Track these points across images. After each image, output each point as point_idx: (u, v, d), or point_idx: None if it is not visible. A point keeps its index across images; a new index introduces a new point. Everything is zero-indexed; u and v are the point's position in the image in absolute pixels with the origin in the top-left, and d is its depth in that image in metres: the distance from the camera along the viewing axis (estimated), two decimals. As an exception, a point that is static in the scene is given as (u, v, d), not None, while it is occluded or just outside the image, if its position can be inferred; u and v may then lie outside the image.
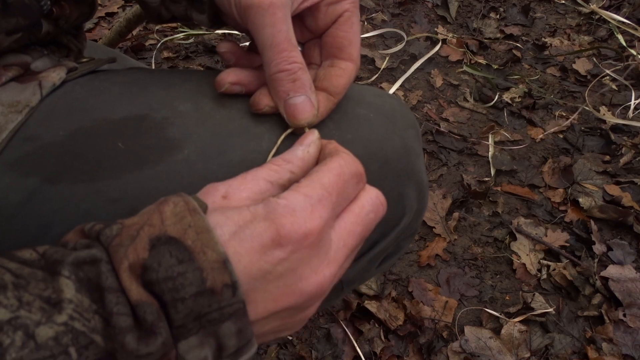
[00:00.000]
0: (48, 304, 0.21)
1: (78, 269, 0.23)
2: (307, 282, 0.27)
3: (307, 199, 0.27)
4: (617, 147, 1.18)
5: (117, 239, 0.24)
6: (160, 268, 0.23)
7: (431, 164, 1.18)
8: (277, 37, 0.32)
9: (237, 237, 0.25)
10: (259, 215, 0.26)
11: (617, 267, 0.95)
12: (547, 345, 0.86)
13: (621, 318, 0.88)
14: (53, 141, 0.33)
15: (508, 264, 0.99)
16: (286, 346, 0.86)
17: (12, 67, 0.36)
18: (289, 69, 0.33)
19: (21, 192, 0.32)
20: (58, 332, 0.21)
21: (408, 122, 0.42)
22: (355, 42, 0.36)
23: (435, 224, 1.04)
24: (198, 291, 0.23)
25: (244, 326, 0.25)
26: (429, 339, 0.87)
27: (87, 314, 0.22)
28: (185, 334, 0.23)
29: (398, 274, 0.97)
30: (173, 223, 0.24)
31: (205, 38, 1.49)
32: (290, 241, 0.25)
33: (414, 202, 0.42)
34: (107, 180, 0.33)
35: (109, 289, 0.22)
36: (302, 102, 0.33)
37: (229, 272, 0.24)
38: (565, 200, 1.09)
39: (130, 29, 0.99)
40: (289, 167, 0.30)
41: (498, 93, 1.34)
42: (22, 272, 0.22)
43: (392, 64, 1.42)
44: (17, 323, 0.20)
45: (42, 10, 0.36)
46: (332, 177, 0.28)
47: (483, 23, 1.58)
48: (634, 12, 1.54)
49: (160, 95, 0.37)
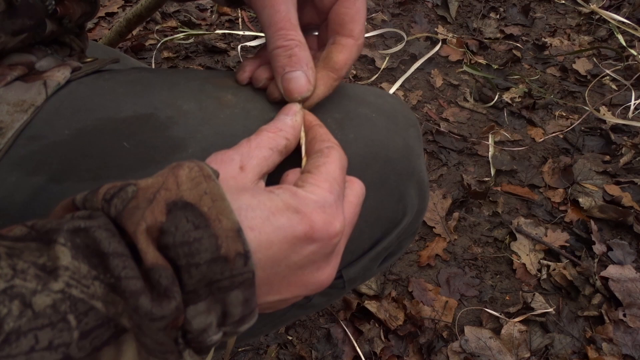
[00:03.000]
0: (43, 271, 0.21)
1: (74, 235, 0.22)
2: (322, 272, 0.29)
3: (332, 196, 0.28)
4: (617, 147, 1.18)
5: (133, 201, 0.24)
6: (177, 232, 0.23)
7: (431, 164, 1.18)
8: (275, 17, 0.33)
9: (270, 224, 0.26)
10: (291, 206, 0.26)
11: (617, 267, 0.95)
12: (547, 345, 0.86)
13: (621, 318, 0.88)
14: (58, 140, 0.34)
15: (508, 264, 0.99)
16: (286, 346, 0.86)
17: (17, 66, 0.36)
18: (285, 45, 0.34)
19: (27, 190, 0.32)
20: (55, 299, 0.21)
21: (409, 122, 0.43)
22: (357, 18, 0.36)
23: (435, 224, 1.04)
24: (212, 258, 0.23)
25: (250, 296, 0.25)
26: (429, 339, 0.87)
27: (86, 281, 0.22)
28: (195, 299, 0.24)
29: (398, 274, 0.97)
30: (189, 188, 0.24)
31: (205, 38, 1.49)
32: (322, 238, 0.27)
33: (415, 202, 0.43)
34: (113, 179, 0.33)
35: (114, 254, 0.22)
36: (297, 76, 0.34)
37: (242, 241, 0.24)
38: (565, 200, 1.09)
39: (130, 29, 0.99)
40: (282, 133, 0.32)
41: (498, 93, 1.34)
42: (15, 245, 0.22)
43: (392, 64, 1.42)
44: (12, 292, 0.20)
45: (46, 10, 0.36)
46: (339, 170, 0.30)
47: (483, 23, 1.58)
48: (634, 12, 1.54)
49: (164, 95, 0.37)
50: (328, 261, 0.29)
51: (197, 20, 1.56)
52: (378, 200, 0.33)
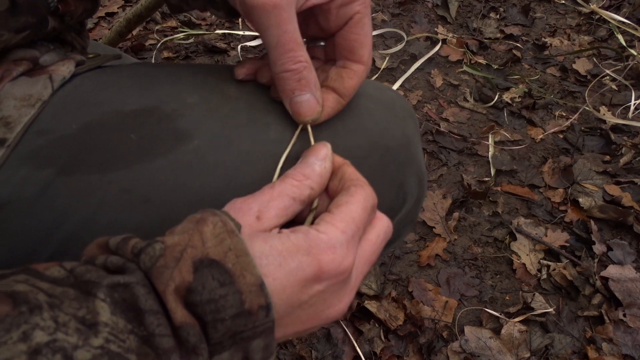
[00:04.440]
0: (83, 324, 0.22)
1: (113, 290, 0.23)
2: (333, 309, 0.30)
3: (344, 236, 0.29)
4: (617, 147, 1.18)
5: (161, 260, 0.25)
6: (204, 291, 0.24)
7: (431, 164, 1.18)
8: (283, 38, 0.32)
9: (283, 269, 0.27)
10: (302, 248, 0.27)
11: (617, 267, 0.95)
12: (547, 345, 0.86)
13: (621, 318, 0.88)
14: (66, 134, 0.34)
15: (508, 264, 0.99)
16: (286, 346, 0.86)
17: (22, 61, 0.36)
18: (294, 69, 0.33)
19: (36, 184, 0.33)
20: (95, 354, 0.21)
21: (407, 114, 0.44)
22: (366, 44, 0.37)
23: (435, 224, 1.04)
24: (237, 312, 0.25)
25: (270, 341, 0.27)
26: (429, 339, 0.87)
27: (122, 335, 0.23)
28: (219, 350, 0.25)
29: (398, 274, 0.97)
30: (214, 245, 0.25)
31: (205, 38, 1.49)
32: (329, 277, 0.28)
33: (415, 190, 0.43)
34: (120, 171, 0.34)
35: (150, 311, 0.23)
36: (307, 99, 0.34)
37: (265, 295, 0.25)
38: (565, 200, 1.09)
39: (130, 29, 0.99)
40: (308, 183, 0.31)
41: (498, 93, 1.34)
42: (55, 291, 0.23)
43: (392, 64, 1.42)
44: (55, 346, 0.21)
45: (49, 7, 0.37)
46: (360, 211, 0.30)
47: (483, 23, 1.58)
48: (634, 12, 1.54)
49: (168, 89, 0.38)
50: (339, 298, 0.30)
51: (197, 20, 1.56)
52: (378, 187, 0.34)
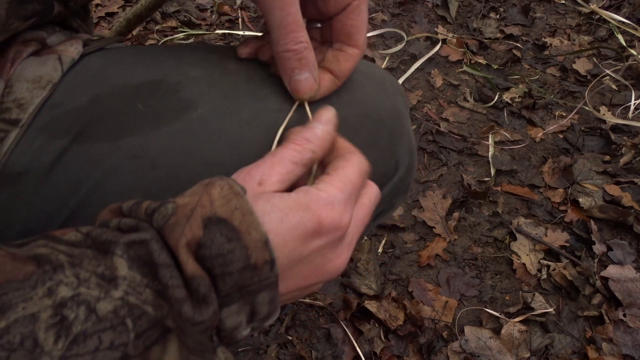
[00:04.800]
0: (103, 279, 0.24)
1: (129, 247, 0.26)
2: (332, 264, 0.32)
3: (342, 194, 0.31)
4: (617, 147, 1.18)
5: (173, 217, 0.27)
6: (213, 245, 0.26)
7: (431, 164, 1.18)
8: (286, 19, 0.34)
9: (284, 224, 0.28)
10: (302, 204, 0.29)
11: (617, 267, 0.95)
12: (547, 345, 0.86)
13: (621, 318, 0.88)
14: (77, 106, 0.37)
15: (508, 264, 0.99)
16: (286, 346, 0.86)
17: (31, 42, 0.38)
18: (295, 49, 0.35)
19: (52, 152, 0.35)
20: (116, 305, 0.24)
21: (396, 90, 0.46)
22: (362, 29, 0.39)
23: (435, 224, 1.04)
24: (243, 266, 0.26)
25: (275, 296, 0.28)
26: (429, 339, 0.87)
27: (139, 288, 0.25)
28: (228, 302, 0.27)
29: (398, 274, 0.97)
30: (221, 205, 0.27)
31: (205, 38, 1.49)
32: (328, 232, 0.30)
33: (406, 159, 0.46)
34: (129, 138, 0.36)
35: (163, 265, 0.25)
36: (306, 78, 0.36)
37: (269, 250, 0.27)
38: (565, 200, 1.09)
39: (130, 29, 0.99)
40: (309, 146, 0.33)
41: (498, 93, 1.34)
42: (74, 252, 0.25)
43: (392, 64, 1.42)
44: (79, 299, 0.23)
45: None
46: (356, 174, 0.32)
47: (483, 23, 1.58)
48: (634, 12, 1.54)
49: (172, 64, 0.40)
50: (337, 253, 0.32)
51: (197, 20, 1.56)
52: (371, 156, 0.36)
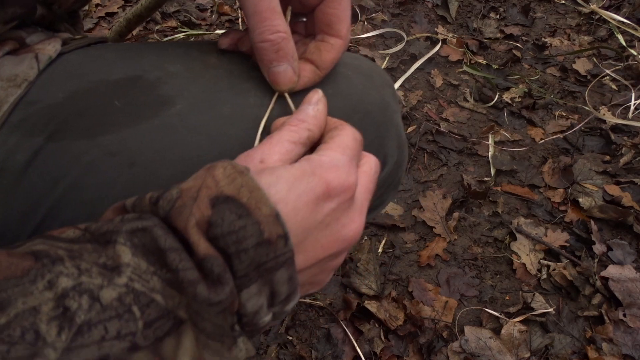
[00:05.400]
0: (105, 269, 0.23)
1: (133, 235, 0.25)
2: (348, 228, 0.30)
3: (344, 156, 0.30)
4: (617, 147, 1.18)
5: (179, 201, 0.26)
6: (224, 223, 0.25)
7: (431, 164, 1.18)
8: (260, 5, 0.33)
9: (292, 192, 0.27)
10: (307, 171, 0.28)
11: (617, 267, 0.95)
12: (547, 345, 0.86)
13: (621, 318, 0.88)
14: (53, 103, 0.35)
15: (508, 264, 0.99)
16: (286, 346, 0.86)
17: (8, 41, 0.37)
18: (272, 40, 0.34)
19: (27, 150, 0.34)
20: (120, 293, 0.23)
21: (384, 81, 0.45)
22: (344, 19, 0.38)
23: (435, 224, 1.04)
24: (258, 242, 0.25)
25: (293, 273, 0.27)
26: (429, 339, 0.87)
27: (145, 276, 0.24)
28: (247, 283, 0.26)
29: (398, 274, 0.97)
30: (227, 184, 0.26)
31: (205, 38, 1.49)
32: (338, 193, 0.29)
33: (395, 153, 0.45)
34: (107, 135, 0.35)
35: (170, 249, 0.24)
36: (284, 70, 0.36)
37: (281, 224, 0.26)
38: (565, 200, 1.09)
39: (130, 29, 0.99)
40: (305, 125, 0.32)
41: (498, 93, 1.34)
42: (72, 247, 0.24)
43: (392, 64, 1.42)
44: (81, 288, 0.22)
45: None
46: (352, 139, 0.32)
47: (483, 23, 1.58)
48: (634, 12, 1.54)
49: (152, 59, 0.39)
50: (351, 217, 0.30)
51: (197, 20, 1.56)
52: None
